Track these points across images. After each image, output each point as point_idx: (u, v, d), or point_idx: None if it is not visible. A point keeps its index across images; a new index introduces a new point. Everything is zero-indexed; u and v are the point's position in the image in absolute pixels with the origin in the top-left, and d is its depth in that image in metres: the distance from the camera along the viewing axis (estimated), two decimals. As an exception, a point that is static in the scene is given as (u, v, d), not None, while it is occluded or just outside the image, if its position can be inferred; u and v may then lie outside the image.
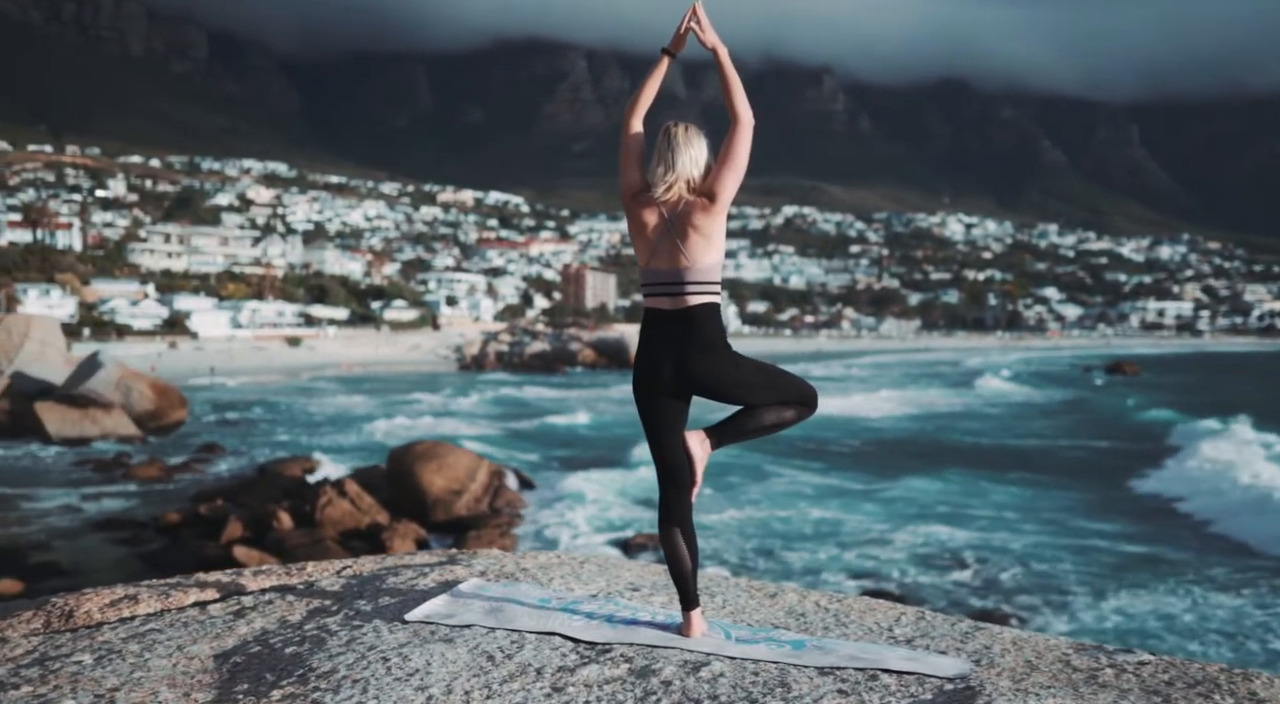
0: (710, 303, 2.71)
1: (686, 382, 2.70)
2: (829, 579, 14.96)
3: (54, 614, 2.96)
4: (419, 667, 2.44)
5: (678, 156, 2.72)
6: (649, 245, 2.73)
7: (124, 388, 31.94)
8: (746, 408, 2.77)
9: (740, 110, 2.73)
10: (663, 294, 2.71)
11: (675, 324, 2.69)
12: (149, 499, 20.96)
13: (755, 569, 15.64)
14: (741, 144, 2.72)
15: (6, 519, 18.90)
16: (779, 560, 16.29)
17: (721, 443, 2.79)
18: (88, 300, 76.69)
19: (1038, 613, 13.21)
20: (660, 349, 2.71)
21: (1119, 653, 2.57)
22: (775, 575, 15.22)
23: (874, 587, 14.55)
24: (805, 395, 2.82)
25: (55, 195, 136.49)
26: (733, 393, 2.73)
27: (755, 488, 22.61)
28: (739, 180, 2.73)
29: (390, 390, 48.96)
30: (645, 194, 2.75)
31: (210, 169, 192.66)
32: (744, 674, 2.40)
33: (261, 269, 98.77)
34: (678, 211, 2.71)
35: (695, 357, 2.68)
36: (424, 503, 18.83)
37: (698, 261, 2.69)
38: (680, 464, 2.75)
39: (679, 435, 2.75)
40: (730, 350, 2.74)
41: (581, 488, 21.90)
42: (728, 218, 2.81)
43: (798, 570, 15.62)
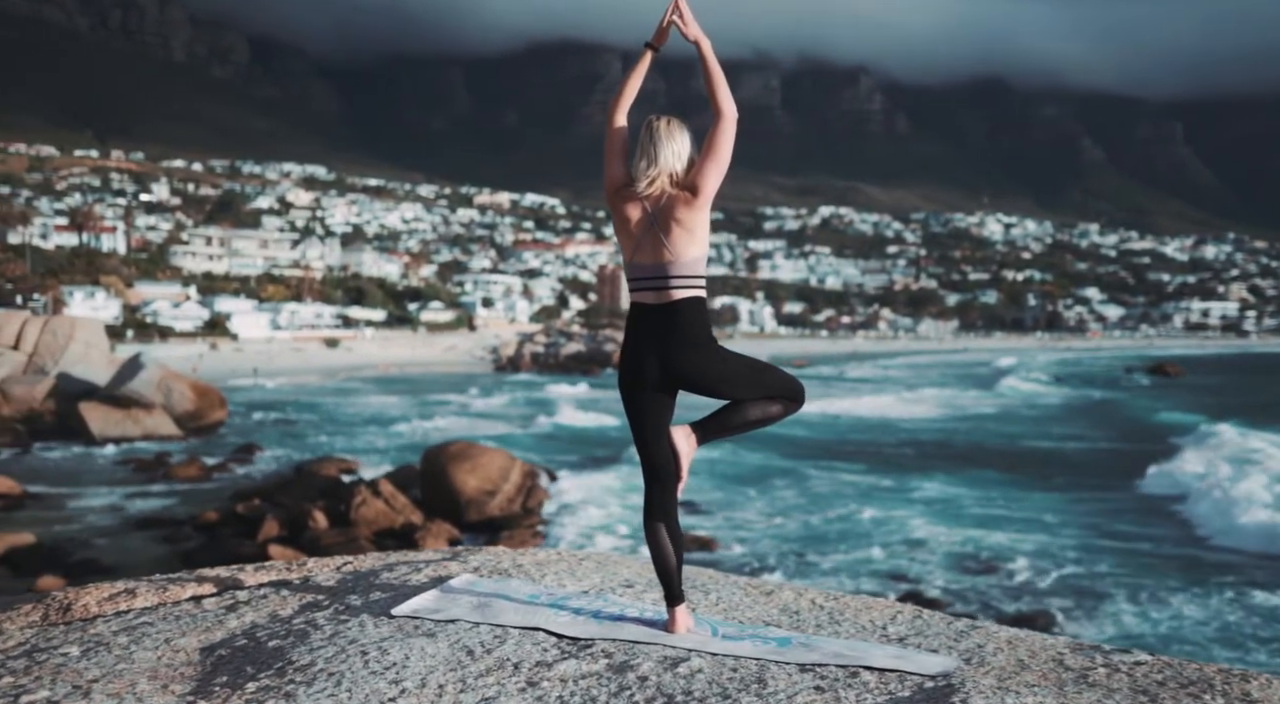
0: (694, 297, 2.70)
1: (671, 376, 2.69)
2: (860, 582, 14.90)
3: (53, 607, 2.99)
4: (396, 660, 2.45)
5: (660, 150, 2.70)
6: (633, 240, 2.73)
7: (165, 388, 32.46)
8: (733, 403, 2.76)
9: (723, 104, 2.71)
10: (647, 289, 2.70)
11: (660, 319, 2.68)
12: (188, 498, 21.28)
13: (787, 570, 15.61)
14: (724, 138, 2.70)
15: (51, 517, 19.28)
16: (809, 562, 16.25)
17: (707, 438, 2.78)
18: (131, 302, 77.94)
19: (1071, 617, 13.08)
20: (645, 344, 2.70)
21: (1116, 653, 2.56)
22: (804, 577, 15.18)
23: (906, 589, 14.49)
24: (791, 390, 2.81)
25: (100, 199, 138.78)
26: (718, 388, 2.71)
27: (792, 490, 22.57)
28: (722, 174, 2.71)
29: (426, 391, 49.33)
30: (628, 189, 2.75)
31: (251, 172, 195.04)
32: (722, 670, 2.40)
33: (300, 271, 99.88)
34: (660, 206, 2.69)
35: (680, 351, 2.66)
36: (457, 503, 18.96)
37: (681, 255, 2.67)
38: (665, 459, 2.74)
39: (664, 431, 2.74)
40: (715, 345, 2.72)
41: (612, 487, 22.00)
42: (720, 213, 2.79)
43: (828, 571, 15.57)
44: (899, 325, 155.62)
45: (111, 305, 74.17)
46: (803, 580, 14.92)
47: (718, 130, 2.70)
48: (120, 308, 75.09)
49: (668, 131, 2.73)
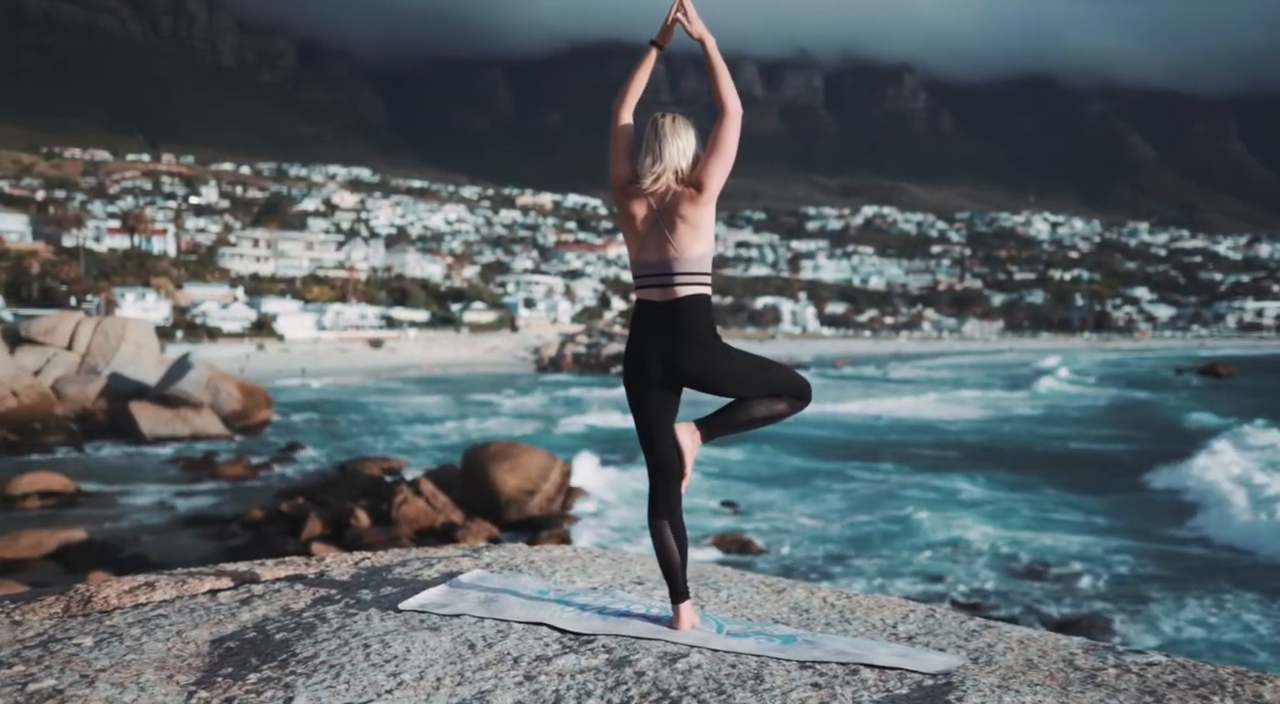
0: (699, 294, 2.70)
1: (675, 373, 2.69)
2: (900, 584, 14.80)
3: (74, 599, 3.04)
4: (398, 653, 2.46)
5: (665, 147, 2.70)
6: (638, 237, 2.73)
7: (213, 388, 33.00)
8: (738, 400, 2.75)
9: (728, 101, 2.70)
10: (652, 286, 2.70)
11: (664, 316, 2.68)
12: (235, 496, 21.64)
13: (826, 573, 15.55)
14: (729, 135, 2.69)
15: (102, 515, 19.69)
16: (849, 565, 16.18)
17: (712, 435, 2.77)
18: (181, 304, 79.29)
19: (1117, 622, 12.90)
20: (649, 341, 2.69)
21: (1130, 654, 2.53)
22: (840, 580, 15.11)
23: (944, 591, 14.38)
24: (797, 388, 2.79)
25: (151, 202, 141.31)
26: (722, 385, 2.71)
27: (834, 491, 22.48)
28: (727, 171, 2.70)
29: (468, 391, 49.68)
30: (634, 186, 2.74)
31: (297, 175, 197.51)
32: (721, 666, 2.40)
33: (345, 272, 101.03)
34: (666, 203, 2.69)
35: (683, 348, 2.66)
36: (497, 502, 19.09)
37: (686, 252, 2.67)
38: (670, 456, 2.75)
39: (669, 427, 2.75)
40: (720, 342, 2.71)
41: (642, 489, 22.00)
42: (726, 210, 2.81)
43: (868, 574, 15.49)
44: (943, 326, 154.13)
45: (162, 306, 75.51)
46: (839, 582, 14.88)
47: (722, 127, 2.69)
48: (170, 309, 76.43)
49: (673, 128, 2.73)
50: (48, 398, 32.44)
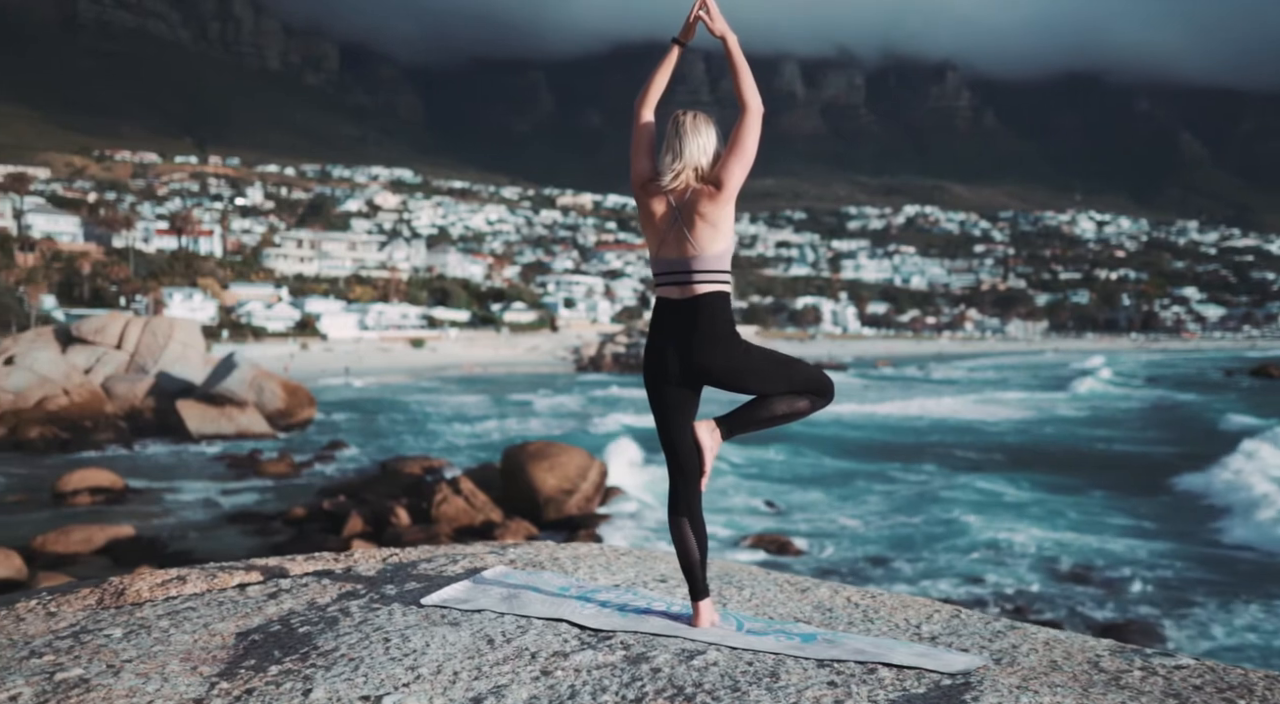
0: (718, 292, 2.69)
1: (693, 371, 2.68)
2: (941, 586, 14.68)
3: (108, 592, 3.09)
4: (417, 647, 2.48)
5: (685, 145, 2.69)
6: (658, 235, 2.72)
7: (257, 387, 33.47)
8: (759, 397, 2.74)
9: (749, 98, 2.68)
10: (671, 284, 2.70)
11: (683, 313, 2.68)
12: (278, 494, 21.92)
13: (864, 575, 15.46)
14: (750, 132, 2.68)
15: (149, 511, 20.03)
16: (889, 567, 16.06)
17: (733, 433, 2.77)
18: (227, 303, 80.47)
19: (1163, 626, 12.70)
20: (668, 338, 2.69)
21: (1158, 656, 2.50)
22: (881, 581, 15.02)
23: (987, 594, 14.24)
24: (819, 385, 2.77)
25: (199, 204, 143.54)
26: (741, 382, 2.70)
27: (875, 493, 22.34)
28: (747, 169, 2.69)
29: (508, 391, 49.94)
30: (654, 183, 2.74)
31: (340, 176, 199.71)
32: (738, 664, 2.39)
33: (387, 272, 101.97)
34: (685, 200, 2.68)
35: (701, 346, 2.65)
36: (536, 501, 19.16)
37: (705, 250, 2.67)
38: (689, 454, 2.74)
39: (688, 425, 2.74)
40: (738, 339, 2.70)
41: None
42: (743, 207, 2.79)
43: (908, 576, 15.38)
44: (986, 326, 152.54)
45: (208, 306, 76.69)
46: (880, 585, 14.79)
47: (743, 124, 2.68)
48: (216, 309, 77.60)
49: (693, 126, 2.72)
50: (98, 396, 33.07)
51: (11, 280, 69.96)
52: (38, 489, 21.58)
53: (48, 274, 74.96)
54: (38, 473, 23.92)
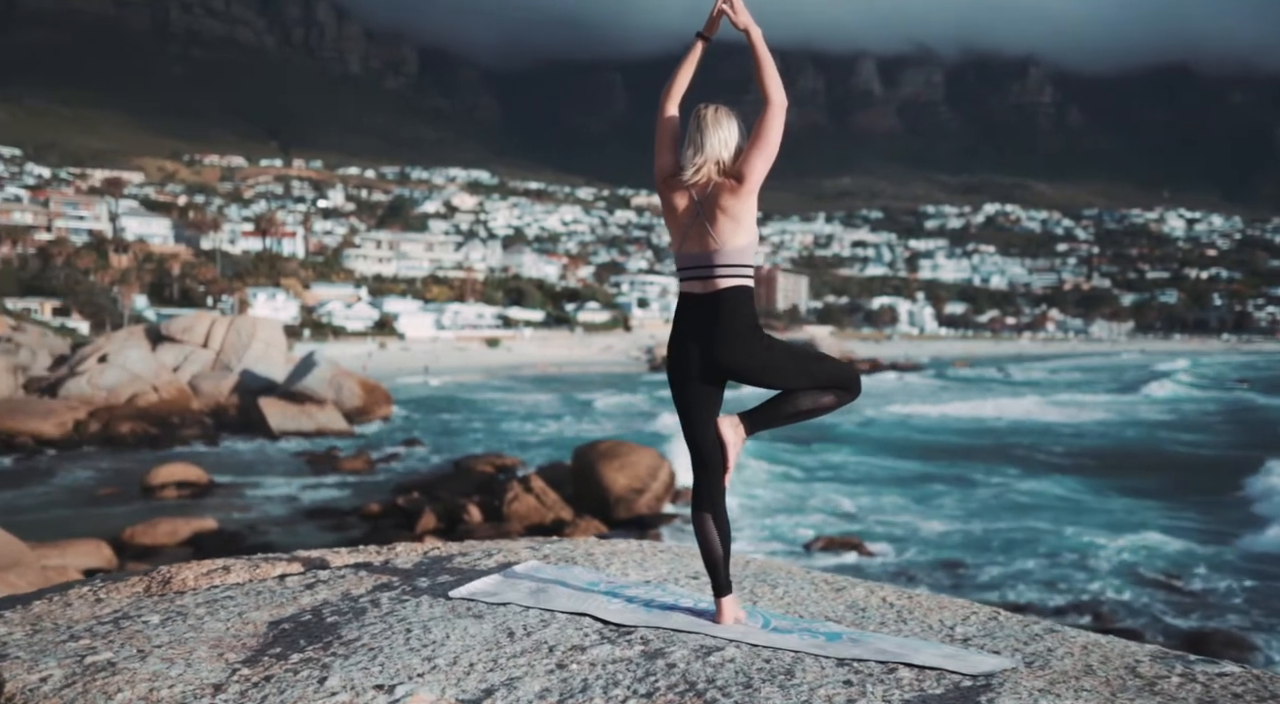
0: (740, 286, 2.67)
1: (714, 366, 2.67)
2: (1019, 593, 14.40)
3: (155, 580, 3.16)
4: (437, 639, 2.50)
5: (706, 138, 2.68)
6: (680, 229, 2.72)
7: (336, 385, 34.23)
8: (783, 393, 2.72)
9: (772, 92, 2.66)
10: (694, 278, 2.69)
11: (705, 308, 2.66)
12: (355, 490, 22.40)
13: (936, 581, 15.25)
14: (772, 126, 2.65)
15: (232, 505, 20.66)
16: (963, 572, 15.83)
17: (756, 428, 2.74)
18: (308, 303, 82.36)
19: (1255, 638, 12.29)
20: (690, 333, 2.68)
21: (1202, 664, 2.42)
22: (953, 588, 14.79)
23: (1066, 602, 13.92)
24: (844, 380, 2.73)
25: (283, 206, 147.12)
26: (764, 377, 2.68)
27: (951, 495, 22.02)
28: (769, 162, 2.67)
29: (581, 390, 50.26)
30: (676, 178, 2.74)
31: (419, 178, 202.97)
32: (755, 661, 2.37)
33: (463, 273, 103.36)
34: (707, 194, 2.67)
35: (723, 340, 2.64)
36: (606, 500, 19.27)
37: (727, 244, 2.65)
38: (712, 449, 2.72)
39: (711, 420, 2.72)
40: (760, 334, 2.68)
41: (754, 491, 21.96)
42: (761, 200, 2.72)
43: (983, 583, 15.13)
44: (1068, 326, 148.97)
45: (290, 306, 78.56)
46: (953, 591, 14.58)
47: (765, 118, 2.66)
48: (298, 308, 79.45)
49: (714, 119, 2.72)
50: (185, 393, 34.15)
51: (106, 281, 72.52)
52: (128, 483, 22.38)
53: (140, 275, 77.52)
54: (129, 467, 24.80)
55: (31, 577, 12.00)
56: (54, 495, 21.75)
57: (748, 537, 17.90)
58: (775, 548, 16.99)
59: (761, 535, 18.08)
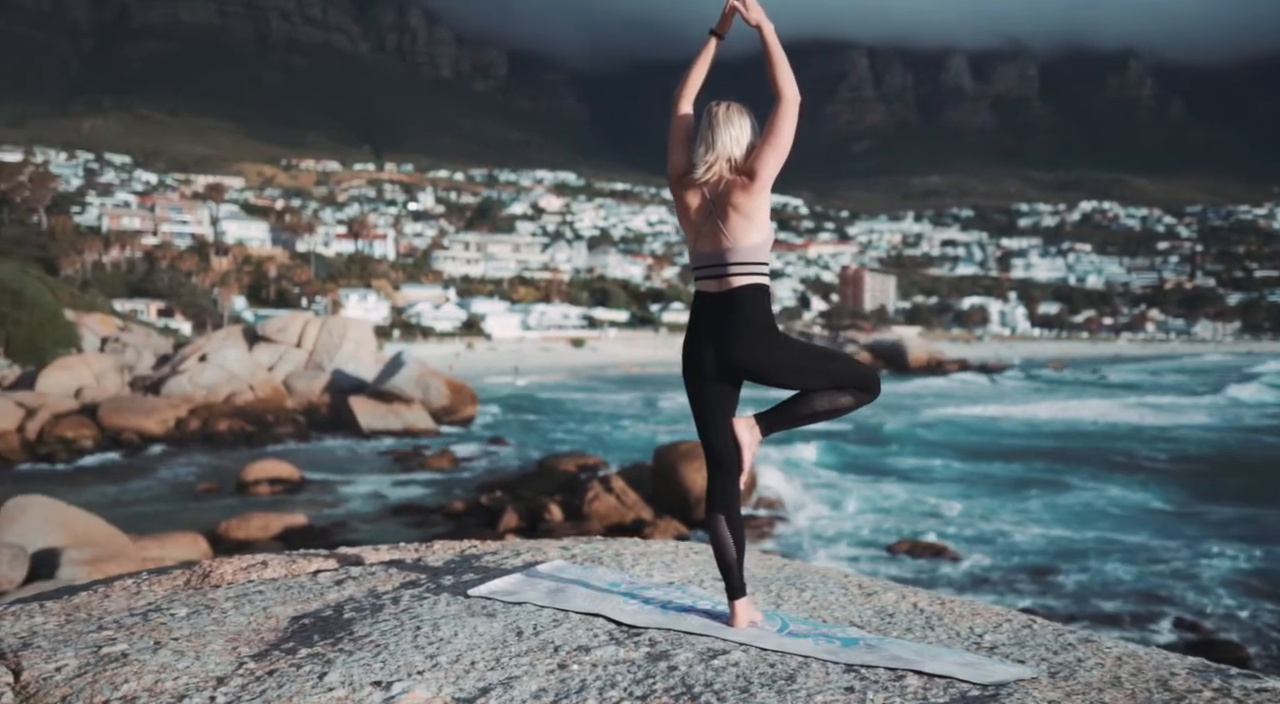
0: (754, 284, 2.63)
1: (729, 365, 2.64)
2: (1110, 604, 14.01)
3: (196, 574, 3.21)
4: (445, 636, 2.50)
5: (718, 136, 2.67)
6: (694, 227, 2.69)
7: (423, 384, 34.88)
8: (800, 393, 2.67)
9: (784, 87, 2.64)
10: (708, 277, 2.66)
11: (719, 306, 2.64)
12: (440, 488, 22.79)
13: (1019, 587, 14.92)
14: (785, 122, 2.63)
15: (322, 502, 21.20)
16: (1049, 579, 15.45)
17: (772, 429, 2.70)
18: (398, 304, 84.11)
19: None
20: (704, 332, 2.66)
21: (1243, 678, 2.33)
22: (1036, 596, 14.46)
23: (1168, 613, 13.48)
24: (862, 380, 2.68)
25: (375, 209, 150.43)
26: (779, 377, 2.64)
27: (1044, 501, 21.51)
28: (781, 159, 2.64)
29: (665, 390, 50.35)
30: (689, 176, 2.72)
31: (507, 180, 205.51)
32: (759, 665, 2.34)
33: (549, 274, 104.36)
34: (719, 192, 2.65)
35: (737, 339, 2.61)
36: (687, 501, 19.24)
37: (740, 242, 2.62)
38: (726, 450, 2.69)
39: (726, 421, 2.69)
40: (775, 332, 2.64)
41: (840, 495, 21.75)
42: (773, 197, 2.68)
43: (1069, 590, 14.76)
44: (1170, 327, 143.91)
45: (381, 306, 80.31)
46: (1034, 599, 14.26)
47: (778, 113, 2.64)
48: (389, 309, 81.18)
49: (726, 117, 2.71)
50: (279, 392, 35.16)
51: (207, 283, 75.12)
52: (225, 479, 23.15)
53: (239, 277, 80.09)
54: (225, 464, 25.64)
55: (131, 568, 12.53)
56: (155, 490, 22.61)
57: (830, 540, 17.75)
58: (855, 553, 16.82)
59: (845, 539, 17.91)
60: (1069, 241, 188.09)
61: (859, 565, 15.97)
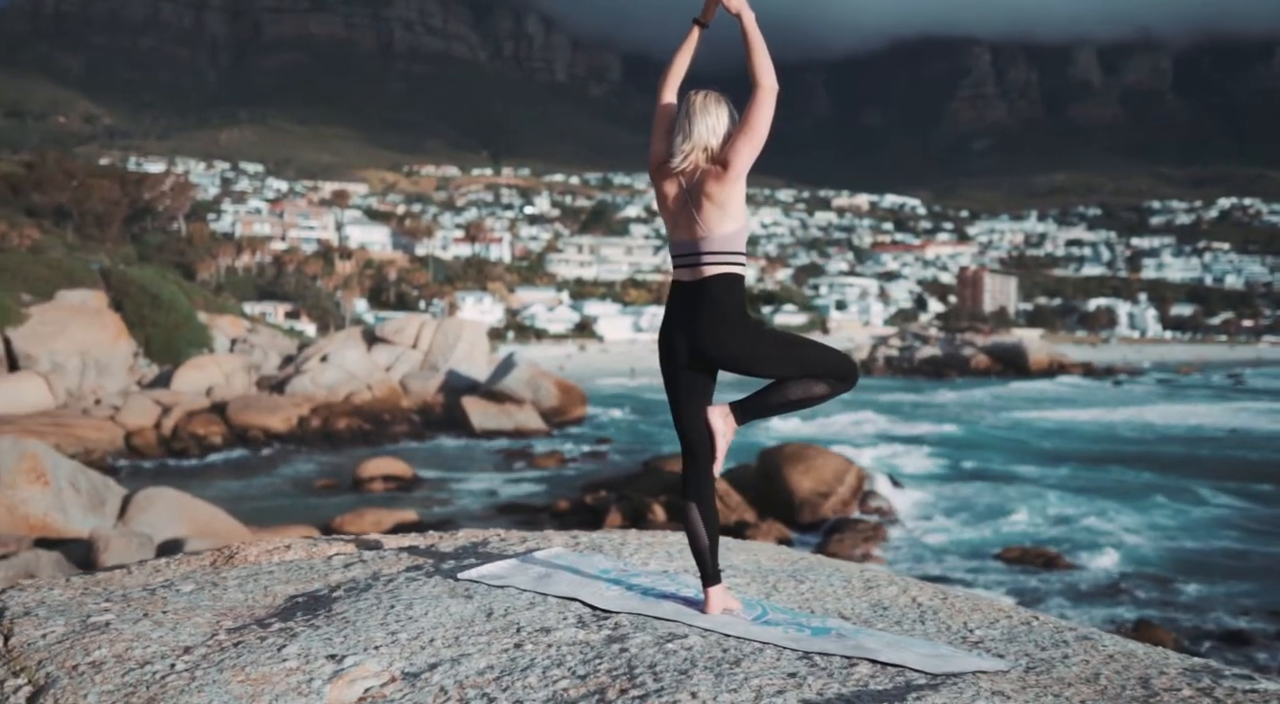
0: (727, 273, 2.63)
1: (699, 354, 2.65)
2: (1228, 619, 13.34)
3: (222, 555, 3.33)
4: (415, 615, 2.54)
5: (694, 125, 2.67)
6: (671, 217, 2.71)
7: (534, 385, 35.42)
8: (774, 382, 2.66)
9: (762, 76, 2.62)
10: (683, 266, 2.68)
11: (691, 295, 2.64)
12: (549, 486, 23.14)
13: (1139, 599, 14.31)
14: (760, 111, 2.62)
15: (433, 499, 21.76)
16: (1169, 588, 14.81)
17: (746, 418, 2.69)
18: (512, 306, 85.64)
19: None
20: (677, 321, 2.67)
21: (1236, 678, 2.23)
22: (1152, 606, 13.85)
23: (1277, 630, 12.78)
24: (838, 369, 2.65)
25: (492, 213, 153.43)
26: (750, 366, 2.63)
27: (1172, 509, 20.63)
28: (756, 148, 2.63)
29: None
30: (667, 165, 2.73)
31: (621, 183, 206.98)
32: (712, 650, 2.33)
33: (661, 276, 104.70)
34: (694, 181, 2.65)
35: (708, 328, 2.61)
36: (790, 503, 19.13)
37: (713, 231, 2.62)
38: (700, 438, 2.69)
39: (700, 409, 2.70)
40: (746, 321, 2.63)
41: (950, 501, 21.24)
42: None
43: (1181, 603, 14.11)
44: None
45: (496, 309, 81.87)
46: (1160, 610, 13.69)
47: (753, 102, 2.63)
48: (503, 311, 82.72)
49: (703, 106, 2.70)
50: (396, 392, 36.18)
51: (331, 286, 77.87)
52: (343, 475, 23.94)
53: (361, 280, 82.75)
54: (343, 461, 26.51)
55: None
56: (277, 485, 23.54)
57: (937, 547, 17.34)
58: (952, 564, 16.37)
59: (953, 545, 17.48)
60: (1205, 240, 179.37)
61: (965, 572, 15.58)
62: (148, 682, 2.16)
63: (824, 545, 16.85)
